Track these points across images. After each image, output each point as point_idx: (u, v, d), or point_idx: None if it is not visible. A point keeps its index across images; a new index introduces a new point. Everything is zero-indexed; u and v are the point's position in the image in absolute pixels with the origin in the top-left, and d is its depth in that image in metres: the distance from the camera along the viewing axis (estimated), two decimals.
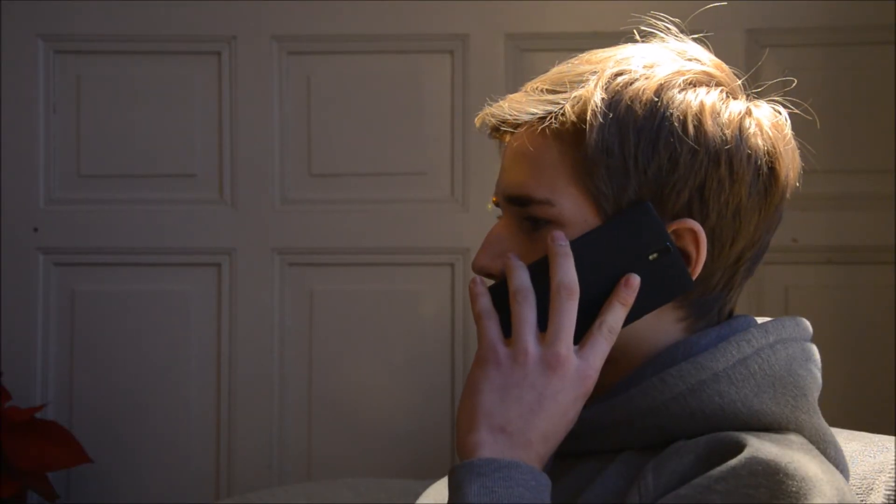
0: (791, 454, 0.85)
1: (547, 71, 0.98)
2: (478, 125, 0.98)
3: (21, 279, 2.40)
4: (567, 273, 0.89)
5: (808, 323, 0.98)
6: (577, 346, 0.89)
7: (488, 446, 0.86)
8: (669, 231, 0.91)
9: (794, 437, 0.90)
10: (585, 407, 0.93)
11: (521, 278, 0.90)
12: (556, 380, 0.87)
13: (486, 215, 2.34)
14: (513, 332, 0.89)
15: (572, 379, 0.88)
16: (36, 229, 2.41)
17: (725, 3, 1.50)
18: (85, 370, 2.41)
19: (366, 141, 2.41)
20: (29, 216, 2.41)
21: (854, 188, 2.32)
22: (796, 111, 1.01)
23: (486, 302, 0.92)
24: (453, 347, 2.38)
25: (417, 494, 1.90)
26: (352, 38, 2.41)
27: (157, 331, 2.41)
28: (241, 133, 2.40)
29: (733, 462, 0.83)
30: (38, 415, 2.26)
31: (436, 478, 2.05)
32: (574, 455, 0.93)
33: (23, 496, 2.23)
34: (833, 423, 0.98)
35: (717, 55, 1.00)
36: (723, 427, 0.89)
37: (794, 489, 0.81)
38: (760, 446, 0.85)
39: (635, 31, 0.99)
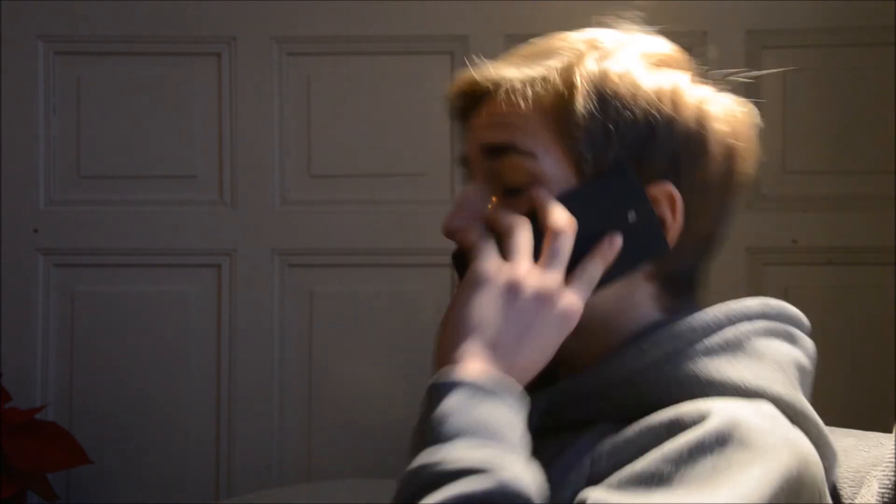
0: (751, 420, 0.84)
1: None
2: (451, 94, 0.99)
3: (21, 280, 2.40)
4: (560, 213, 0.90)
5: (794, 308, 0.99)
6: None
7: (480, 358, 0.86)
8: (648, 193, 0.92)
9: (763, 405, 0.89)
10: (563, 378, 0.94)
11: (512, 215, 0.91)
12: (546, 311, 0.88)
13: None
14: (508, 256, 0.89)
15: (559, 314, 0.88)
16: (36, 230, 2.41)
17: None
18: (85, 371, 2.41)
19: (366, 141, 2.41)
20: (29, 217, 2.41)
21: (854, 189, 2.32)
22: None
23: (479, 231, 0.92)
24: None
25: None
26: (352, 38, 2.41)
27: (157, 331, 2.41)
28: (241, 134, 2.41)
29: (688, 435, 0.82)
30: (37, 416, 2.26)
31: None
32: (553, 429, 0.93)
33: (22, 497, 2.23)
34: (832, 423, 0.98)
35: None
36: (697, 394, 0.89)
37: (744, 458, 0.81)
38: (720, 414, 0.84)
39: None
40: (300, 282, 2.42)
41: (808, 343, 0.98)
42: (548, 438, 0.91)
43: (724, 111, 0.97)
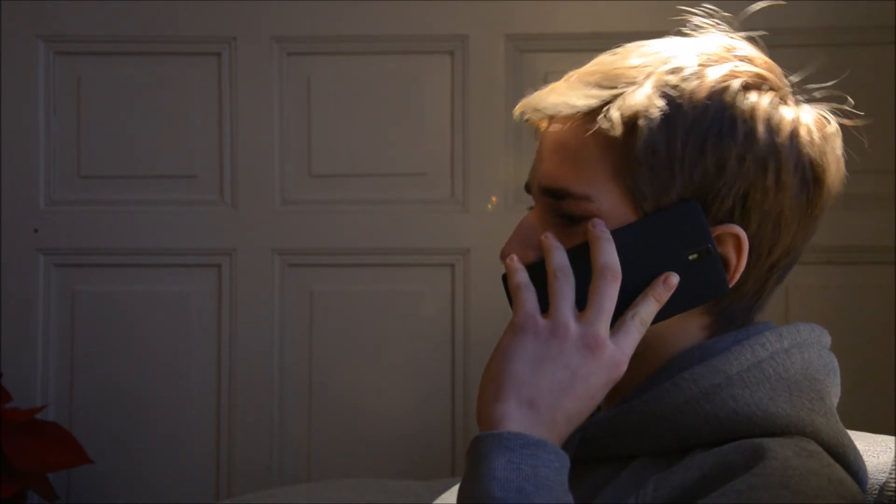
0: (795, 463, 0.84)
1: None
2: (516, 115, 0.95)
3: (21, 280, 2.40)
4: (610, 256, 0.87)
5: (825, 331, 0.97)
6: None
7: (516, 419, 0.84)
8: (713, 234, 0.89)
9: (805, 443, 0.88)
10: (601, 410, 0.92)
11: (560, 258, 0.88)
12: (592, 361, 0.85)
13: (487, 215, 2.34)
14: (551, 307, 0.87)
15: (606, 363, 0.86)
16: (36, 230, 2.41)
17: (783, 3, 1.49)
18: (85, 371, 2.41)
19: (366, 141, 2.41)
20: (29, 217, 2.41)
21: (854, 188, 2.30)
22: (849, 123, 1.00)
23: (524, 276, 0.89)
24: (453, 348, 2.38)
25: (418, 495, 1.90)
26: (352, 38, 2.41)
27: (157, 331, 2.41)
28: (241, 133, 2.40)
29: (736, 483, 0.82)
30: (38, 416, 2.26)
31: (435, 478, 2.05)
32: (590, 461, 0.92)
33: (22, 497, 2.23)
34: None
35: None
36: (738, 430, 0.88)
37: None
38: (766, 458, 0.83)
39: (690, 28, 0.97)
40: (300, 282, 2.41)
41: (837, 365, 0.96)
42: (583, 471, 0.91)
43: (810, 133, 0.92)
